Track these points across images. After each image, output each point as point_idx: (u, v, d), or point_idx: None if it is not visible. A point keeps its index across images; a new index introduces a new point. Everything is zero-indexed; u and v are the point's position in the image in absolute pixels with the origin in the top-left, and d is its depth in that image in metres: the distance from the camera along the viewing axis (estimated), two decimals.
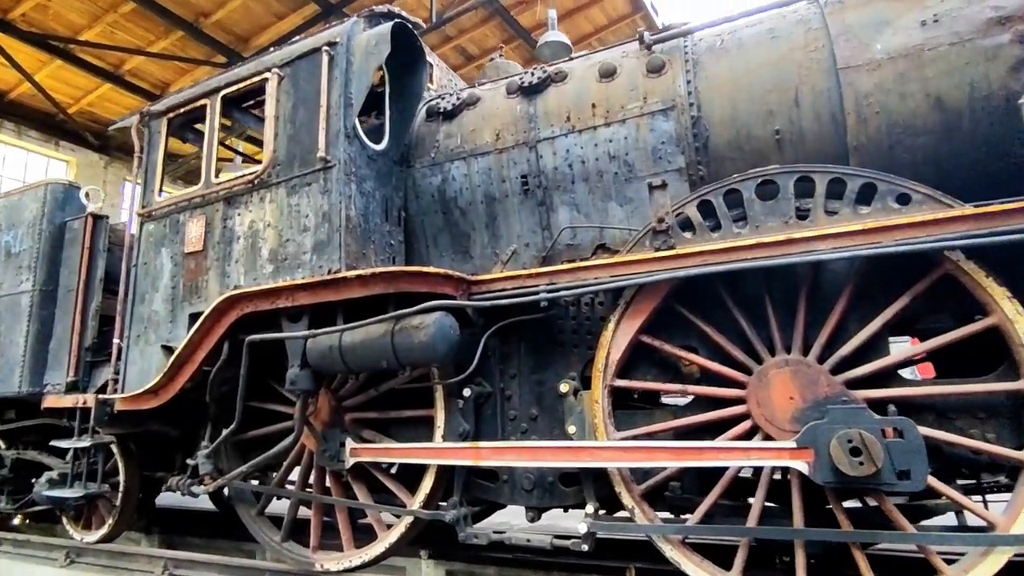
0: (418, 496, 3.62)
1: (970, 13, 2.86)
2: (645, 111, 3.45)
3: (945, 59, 2.86)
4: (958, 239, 2.55)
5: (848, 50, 3.04)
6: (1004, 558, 2.48)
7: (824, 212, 2.85)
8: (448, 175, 3.96)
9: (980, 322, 2.65)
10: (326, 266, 3.50)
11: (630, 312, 3.22)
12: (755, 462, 2.80)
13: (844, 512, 2.76)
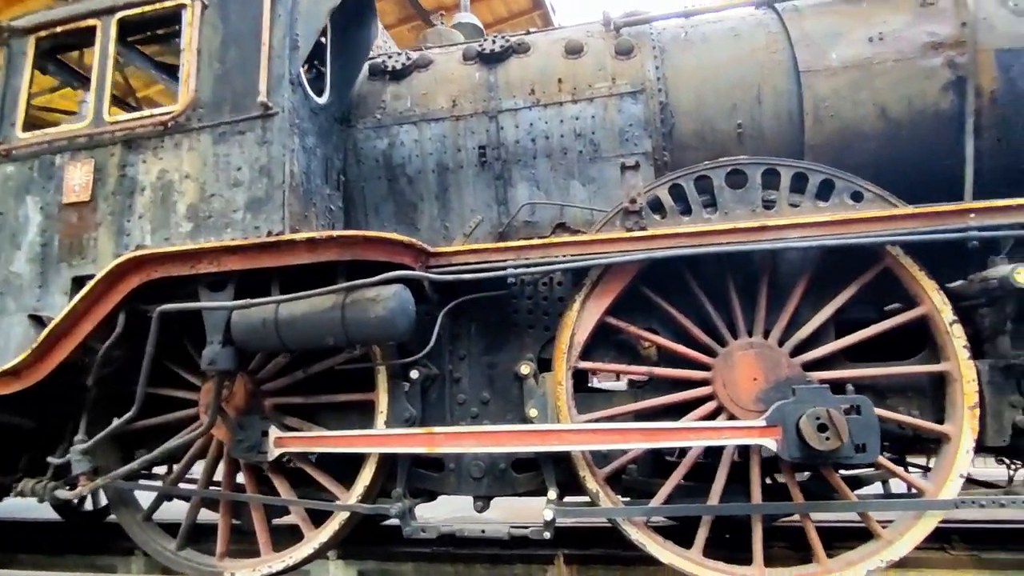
0: (355, 489, 3.27)
1: (910, 35, 3.18)
2: (614, 92, 3.42)
3: (890, 74, 3.15)
4: (902, 235, 2.82)
5: (808, 55, 3.24)
6: (934, 522, 2.78)
7: (788, 204, 3.01)
8: (396, 139, 3.63)
9: (913, 311, 2.94)
10: (264, 227, 3.03)
11: (597, 292, 3.16)
12: (726, 441, 2.87)
13: (798, 486, 2.93)
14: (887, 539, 2.81)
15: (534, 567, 4.28)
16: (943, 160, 3.15)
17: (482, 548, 4.37)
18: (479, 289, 3.25)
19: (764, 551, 2.91)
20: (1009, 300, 2.73)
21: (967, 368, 2.80)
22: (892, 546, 2.79)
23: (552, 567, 4.25)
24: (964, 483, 2.80)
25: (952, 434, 2.81)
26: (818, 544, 2.87)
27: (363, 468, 3.30)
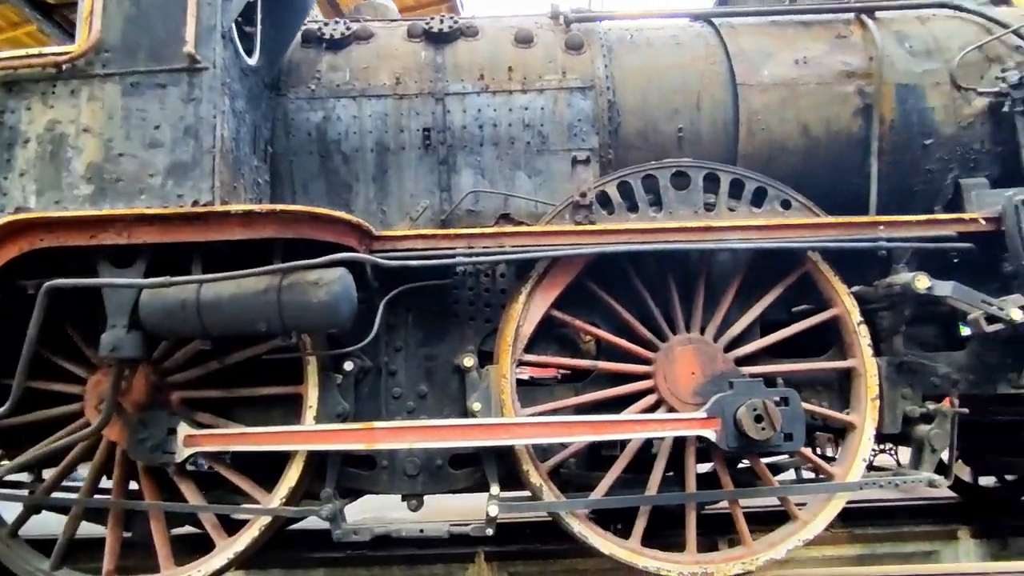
0: (279, 491, 2.98)
1: (828, 62, 3.51)
2: (564, 86, 3.43)
3: (812, 95, 3.45)
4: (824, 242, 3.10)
5: (743, 70, 3.46)
6: (841, 502, 3.08)
7: (727, 208, 3.19)
8: (332, 113, 3.37)
9: (828, 312, 3.23)
10: (189, 196, 2.66)
11: (544, 285, 3.14)
12: (670, 432, 2.97)
13: (728, 474, 3.11)
14: (804, 520, 3.06)
15: (454, 566, 4.18)
16: (851, 177, 3.51)
17: (397, 549, 4.19)
18: (423, 277, 3.11)
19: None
20: (907, 304, 3.09)
21: (871, 364, 3.13)
22: (808, 526, 3.05)
23: (472, 565, 4.17)
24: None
25: (857, 423, 3.12)
26: (745, 528, 3.06)
27: (288, 468, 3.01)
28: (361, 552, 4.16)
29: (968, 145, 3.50)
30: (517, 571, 4.18)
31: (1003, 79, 3.44)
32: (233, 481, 3.03)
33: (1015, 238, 2.97)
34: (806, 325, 3.23)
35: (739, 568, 2.99)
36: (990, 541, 4.35)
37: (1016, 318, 2.85)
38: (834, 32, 3.60)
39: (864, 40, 3.55)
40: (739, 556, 3.02)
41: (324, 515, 2.91)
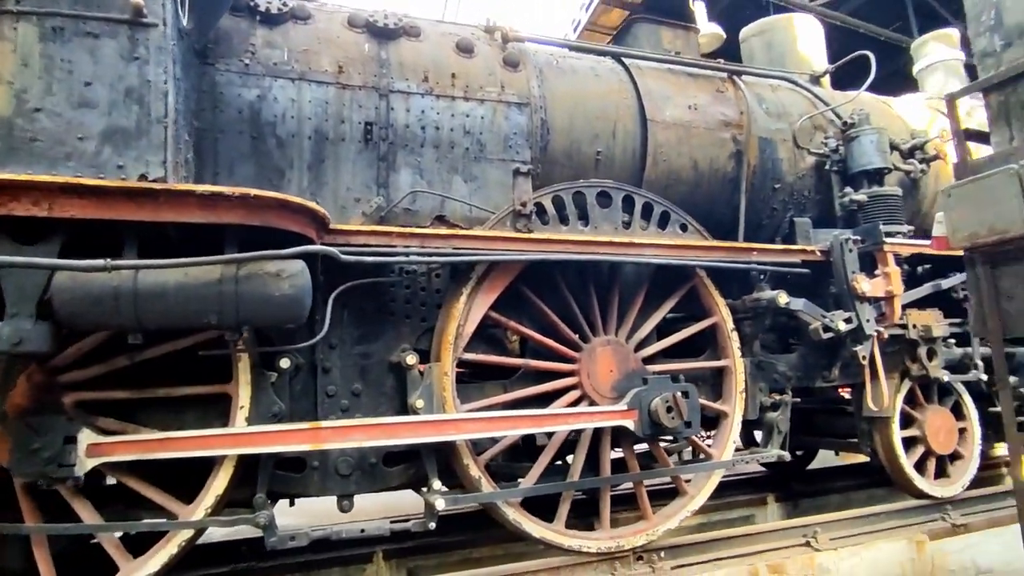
0: (205, 500, 2.72)
1: (712, 111, 4.19)
2: (503, 99, 3.61)
3: (701, 137, 4.10)
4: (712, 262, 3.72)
5: (651, 107, 3.98)
6: (719, 477, 3.72)
7: (639, 227, 3.66)
8: (268, 93, 3.14)
9: (709, 320, 3.87)
10: (134, 169, 2.32)
11: (484, 287, 3.30)
12: (597, 423, 3.32)
13: (635, 458, 3.56)
14: (691, 494, 3.64)
15: (351, 568, 4.09)
16: (723, 208, 4.23)
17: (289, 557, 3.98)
18: (368, 274, 3.08)
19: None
20: (767, 315, 3.85)
21: (739, 363, 3.83)
22: (695, 499, 3.63)
23: (371, 565, 4.12)
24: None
25: (729, 412, 3.79)
26: (647, 504, 3.54)
27: (215, 475, 2.76)
28: (250, 564, 3.88)
29: (801, 191, 4.44)
30: (417, 566, 4.23)
31: (825, 144, 4.44)
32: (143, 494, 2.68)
33: (839, 267, 3.89)
34: (694, 330, 3.83)
35: (644, 539, 3.45)
36: (786, 504, 5.50)
37: (841, 328, 3.74)
38: (714, 86, 4.32)
39: (736, 97, 4.31)
40: (643, 529, 3.49)
41: (261, 522, 2.73)
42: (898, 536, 3.97)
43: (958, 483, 4.41)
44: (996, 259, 2.20)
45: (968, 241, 2.19)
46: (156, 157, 2.35)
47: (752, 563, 3.52)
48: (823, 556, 3.68)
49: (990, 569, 4.06)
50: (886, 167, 4.27)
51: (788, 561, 3.57)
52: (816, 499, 5.54)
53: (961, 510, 4.31)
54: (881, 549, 3.84)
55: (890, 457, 4.23)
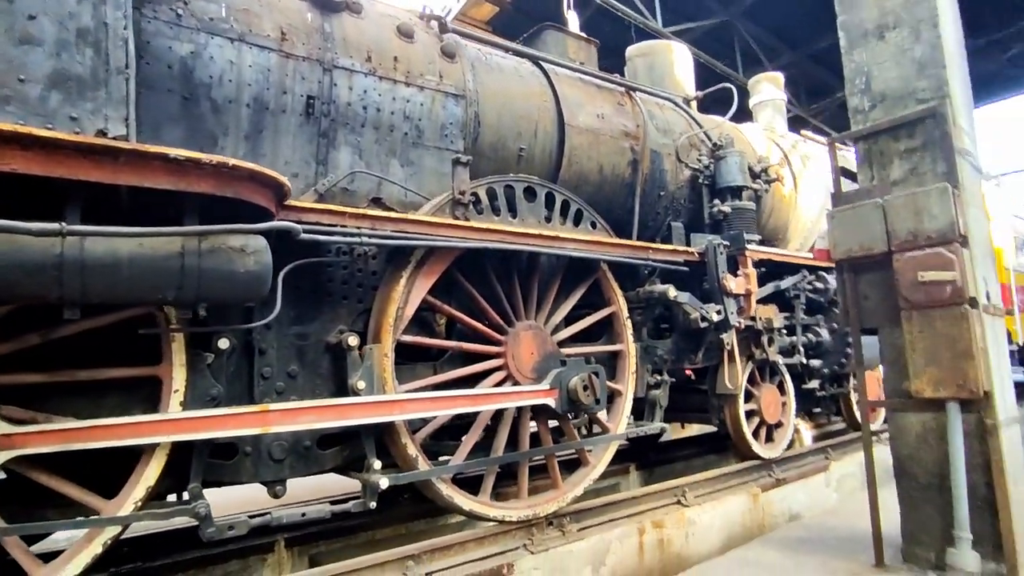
0: (134, 493, 2.49)
1: (615, 121, 4.65)
2: (441, 89, 3.69)
3: (606, 144, 4.54)
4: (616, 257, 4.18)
5: (568, 113, 4.31)
6: (615, 448, 4.20)
7: (559, 222, 3.99)
8: (204, 51, 2.89)
9: (608, 309, 4.34)
10: (89, 122, 2.04)
11: (424, 271, 3.39)
12: (524, 402, 3.59)
13: (549, 433, 3.90)
14: (593, 464, 4.08)
15: (252, 559, 3.92)
16: (619, 210, 4.72)
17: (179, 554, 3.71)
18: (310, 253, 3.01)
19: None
20: (656, 306, 4.43)
21: (632, 348, 4.35)
22: (596, 468, 4.06)
23: (272, 555, 3.99)
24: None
25: (623, 390, 4.30)
26: (558, 475, 3.90)
27: (145, 464, 2.54)
28: (137, 565, 3.54)
29: (679, 200, 5.12)
30: (320, 552, 4.17)
31: (700, 160, 5.16)
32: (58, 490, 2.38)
33: (712, 267, 4.59)
34: (597, 317, 4.26)
35: (555, 506, 3.80)
36: (644, 472, 6.29)
37: (714, 319, 4.43)
38: (616, 99, 4.79)
39: (633, 111, 4.83)
40: (554, 497, 3.84)
41: (201, 512, 2.58)
42: (741, 491, 4.82)
43: (780, 446, 5.44)
44: (858, 268, 2.88)
45: (844, 255, 2.84)
46: (117, 112, 2.11)
47: (640, 521, 4.05)
48: (690, 511, 4.35)
49: (799, 513, 5.10)
50: (745, 185, 5.10)
51: (666, 517, 4.18)
52: (667, 466, 6.40)
53: (781, 467, 5.34)
54: (730, 502, 4.64)
55: (736, 427, 5.10)
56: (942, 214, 2.55)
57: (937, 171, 2.70)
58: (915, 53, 2.77)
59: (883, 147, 2.88)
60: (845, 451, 6.09)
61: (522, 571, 3.37)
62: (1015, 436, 2.78)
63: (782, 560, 3.07)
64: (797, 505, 5.14)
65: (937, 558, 2.67)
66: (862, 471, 5.66)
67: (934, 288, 2.57)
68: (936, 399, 2.70)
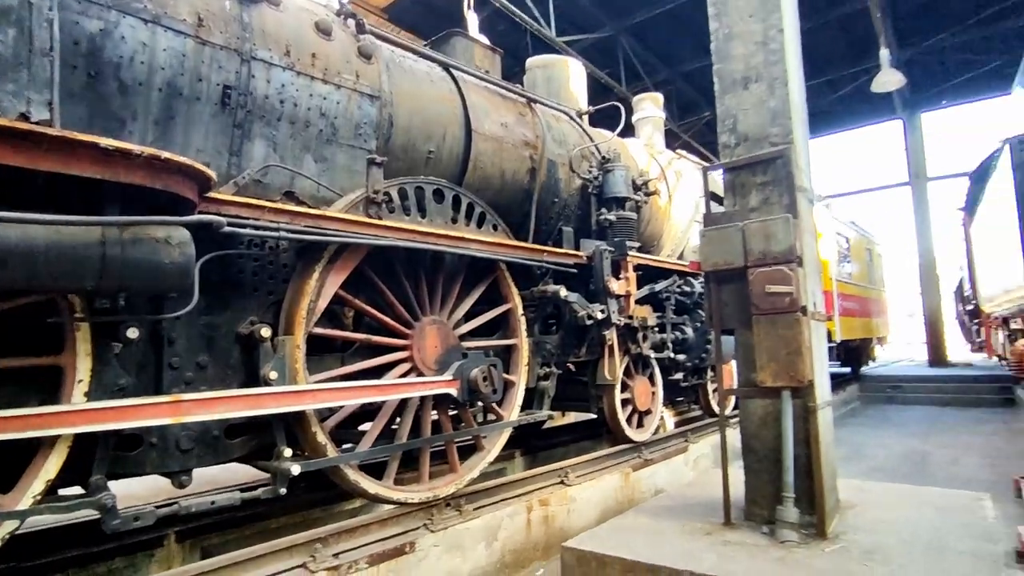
0: (33, 487, 2.43)
1: (517, 130, 4.98)
2: (358, 88, 3.79)
3: (509, 152, 4.86)
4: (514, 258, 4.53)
5: (475, 120, 4.57)
6: (507, 434, 4.55)
7: (464, 224, 4.24)
8: (115, 30, 2.79)
9: (505, 306, 4.67)
10: (10, 105, 1.97)
11: (336, 266, 3.51)
12: (430, 392, 3.81)
13: (449, 420, 4.16)
14: (487, 448, 4.40)
15: (139, 556, 3.80)
16: (517, 214, 5.07)
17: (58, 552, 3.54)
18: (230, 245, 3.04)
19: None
20: (548, 305, 4.84)
21: (525, 342, 4.73)
22: (490, 452, 4.40)
23: (161, 549, 3.90)
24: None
25: (516, 381, 4.66)
26: (456, 459, 4.18)
27: (45, 457, 2.47)
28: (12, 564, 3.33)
29: (570, 207, 5.57)
30: (212, 543, 4.12)
31: (590, 171, 5.65)
32: None
33: (598, 270, 5.09)
34: (496, 313, 4.58)
35: (453, 488, 4.08)
36: (527, 457, 6.74)
37: (599, 317, 4.93)
38: (518, 109, 5.12)
39: (533, 122, 5.19)
40: (452, 480, 4.12)
41: (108, 504, 2.55)
42: (615, 471, 5.39)
43: (649, 431, 6.12)
44: (721, 279, 3.44)
45: (711, 267, 3.38)
46: (40, 96, 2.05)
47: (528, 500, 4.44)
48: (572, 490, 4.83)
49: (663, 488, 5.79)
50: (629, 197, 5.66)
51: (551, 495, 4.61)
52: (548, 452, 6.91)
53: (649, 450, 6.01)
54: (606, 480, 5.19)
55: (612, 414, 5.68)
56: (785, 239, 3.15)
57: (783, 203, 3.32)
58: (770, 104, 3.37)
59: (744, 179, 3.46)
60: (701, 435, 6.94)
61: (423, 548, 3.60)
62: (828, 416, 3.50)
63: (650, 524, 3.58)
64: (661, 481, 5.83)
65: (770, 514, 3.29)
66: (715, 452, 6.53)
67: (777, 298, 3.17)
68: (774, 388, 3.32)
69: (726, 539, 3.28)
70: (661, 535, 3.37)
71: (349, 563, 3.22)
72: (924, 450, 8.22)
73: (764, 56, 3.42)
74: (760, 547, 3.15)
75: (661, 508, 3.97)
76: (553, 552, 4.33)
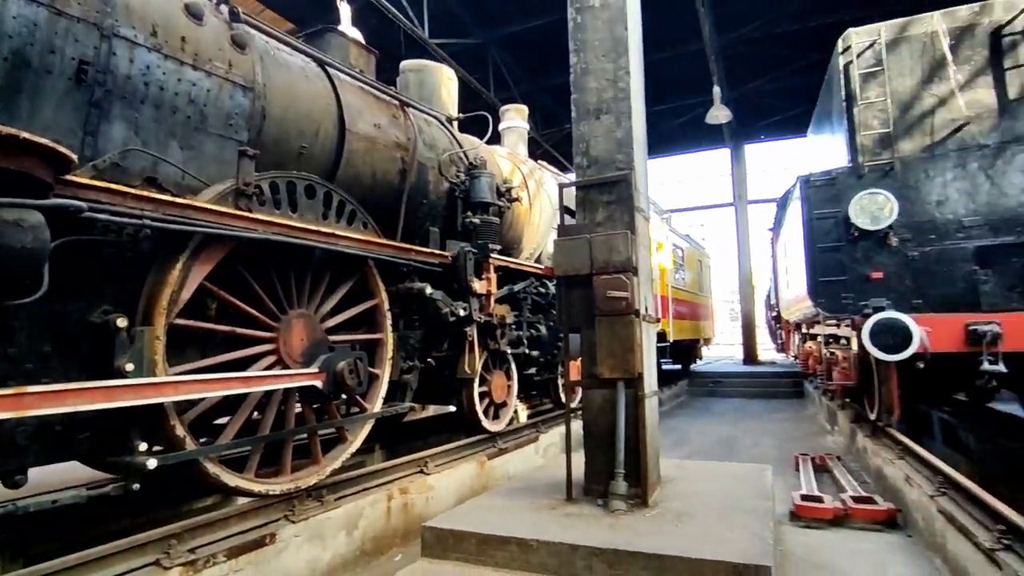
0: None
1: (389, 132, 5.14)
2: (230, 78, 3.74)
3: (381, 152, 5.00)
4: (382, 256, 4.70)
5: (349, 119, 4.66)
6: (370, 426, 4.70)
7: (334, 220, 4.34)
8: None
9: (372, 301, 4.82)
10: None
11: (202, 257, 3.47)
12: (296, 384, 3.86)
13: (313, 413, 4.23)
14: (350, 440, 4.52)
15: None
16: (386, 213, 5.22)
17: None
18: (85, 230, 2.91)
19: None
20: (415, 301, 5.06)
21: (390, 337, 4.91)
22: (353, 443, 4.53)
23: None
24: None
25: (380, 375, 4.83)
26: (319, 450, 4.26)
27: None
28: None
29: (438, 209, 5.83)
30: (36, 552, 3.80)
31: (458, 176, 5.95)
32: None
33: (462, 270, 5.41)
34: (362, 308, 4.71)
35: (315, 479, 4.16)
36: (386, 450, 6.88)
37: (461, 313, 5.24)
38: (391, 112, 5.28)
39: (405, 125, 5.38)
40: (314, 471, 4.20)
41: None
42: (472, 459, 5.75)
43: (504, 422, 6.56)
44: (570, 284, 3.91)
45: (563, 273, 3.83)
46: None
47: (389, 489, 4.64)
48: (431, 478, 5.10)
49: (515, 474, 6.26)
50: (493, 202, 6.05)
51: (411, 484, 4.84)
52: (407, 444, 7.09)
53: (504, 440, 6.45)
54: (463, 468, 5.52)
55: (471, 407, 6.03)
56: (624, 252, 3.69)
57: (624, 220, 3.86)
58: (617, 134, 3.90)
59: (593, 197, 3.96)
60: (551, 425, 7.55)
61: (283, 539, 3.66)
62: (654, 404, 4.12)
63: (502, 503, 3.96)
64: (513, 468, 6.29)
65: (605, 489, 3.81)
66: (562, 440, 7.15)
67: (616, 302, 3.69)
68: (611, 379, 3.85)
69: (567, 512, 3.74)
70: (512, 512, 3.76)
71: (206, 557, 3.21)
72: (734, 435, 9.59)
73: (614, 92, 3.95)
74: (595, 516, 3.65)
75: (512, 489, 4.37)
76: (412, 538, 4.57)
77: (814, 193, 6.70)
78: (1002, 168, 5.99)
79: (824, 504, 4.79)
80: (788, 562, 3.90)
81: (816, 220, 6.62)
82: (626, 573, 3.01)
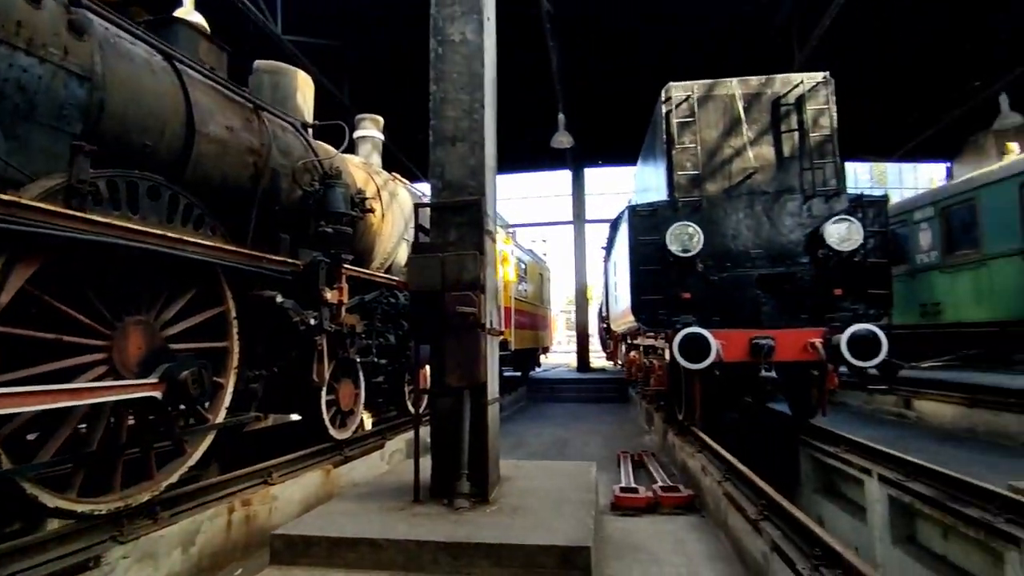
0: None
1: (243, 136, 5.02)
2: (65, 66, 3.48)
3: (232, 155, 4.88)
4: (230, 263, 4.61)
5: (199, 119, 4.50)
6: (211, 437, 4.55)
7: (180, 224, 4.18)
8: None
9: (219, 308, 4.68)
10: None
11: (26, 258, 3.21)
12: (133, 395, 3.65)
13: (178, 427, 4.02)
14: (190, 452, 4.35)
15: None
16: (237, 218, 5.09)
17: None
18: None
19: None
20: (264, 310, 4.98)
21: (236, 345, 4.80)
22: (193, 456, 4.36)
23: None
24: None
25: (225, 384, 4.69)
26: (153, 465, 4.05)
27: None
28: None
29: (290, 216, 5.76)
30: None
31: (312, 184, 5.94)
32: None
33: (314, 279, 5.42)
34: (206, 316, 4.56)
35: (148, 495, 3.96)
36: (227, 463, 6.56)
37: (312, 323, 5.26)
38: (245, 115, 5.16)
39: (260, 130, 5.28)
40: (148, 487, 3.99)
41: None
42: (317, 468, 5.74)
43: (350, 430, 6.61)
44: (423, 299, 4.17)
45: (416, 288, 4.08)
46: None
47: (230, 502, 4.52)
48: (275, 488, 5.04)
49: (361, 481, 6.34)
50: (347, 213, 6.11)
51: (254, 495, 4.76)
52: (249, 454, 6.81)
53: (349, 447, 6.50)
54: (308, 477, 5.52)
55: (317, 415, 6.01)
56: (473, 271, 4.05)
57: (474, 241, 4.22)
58: (470, 162, 4.26)
59: (447, 218, 4.27)
60: (396, 433, 7.70)
61: (109, 562, 3.47)
62: (495, 410, 4.51)
63: (351, 507, 4.09)
64: (359, 476, 6.36)
65: (450, 490, 4.11)
66: (408, 447, 7.35)
67: (464, 317, 4.03)
68: (459, 387, 4.17)
69: (415, 512, 3.98)
70: (361, 515, 3.91)
71: None
72: (567, 437, 10.45)
73: (469, 123, 4.31)
74: (441, 515, 3.93)
75: (361, 495, 4.50)
76: (254, 551, 4.50)
77: (639, 222, 7.67)
78: (777, 211, 7.37)
79: (639, 494, 5.56)
80: (607, 545, 4.51)
81: (640, 245, 7.57)
82: (469, 563, 3.34)
